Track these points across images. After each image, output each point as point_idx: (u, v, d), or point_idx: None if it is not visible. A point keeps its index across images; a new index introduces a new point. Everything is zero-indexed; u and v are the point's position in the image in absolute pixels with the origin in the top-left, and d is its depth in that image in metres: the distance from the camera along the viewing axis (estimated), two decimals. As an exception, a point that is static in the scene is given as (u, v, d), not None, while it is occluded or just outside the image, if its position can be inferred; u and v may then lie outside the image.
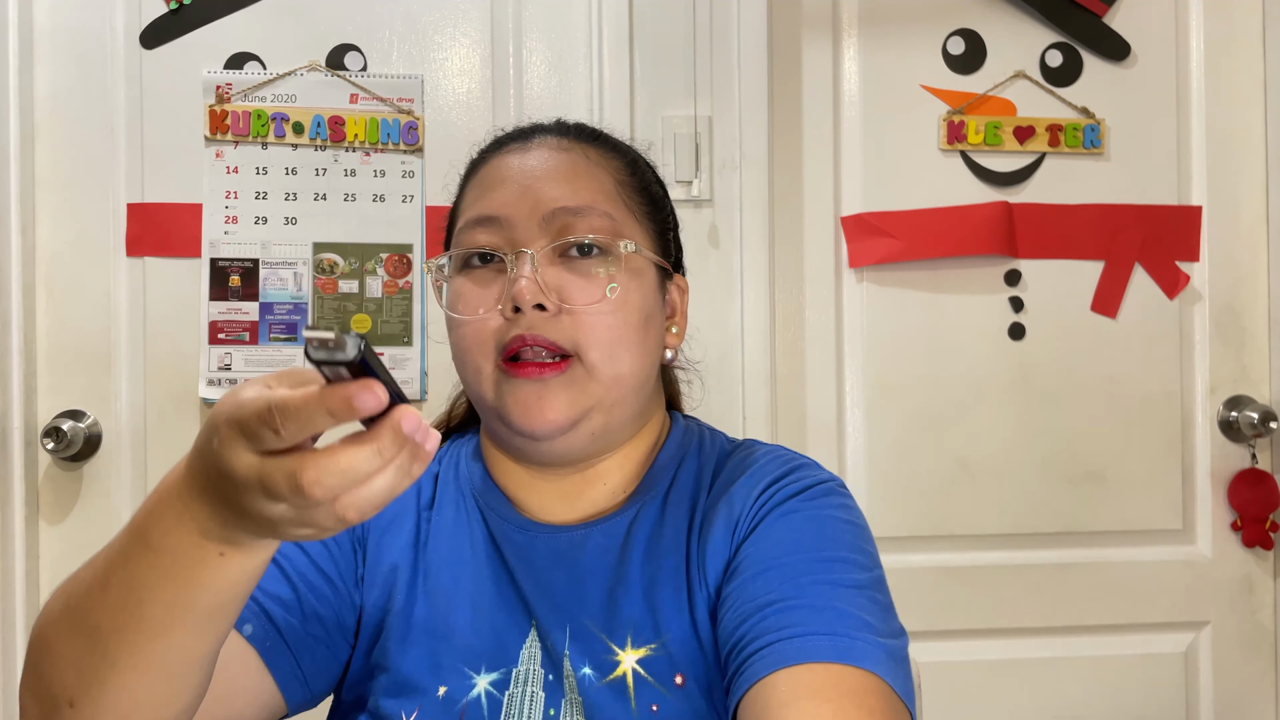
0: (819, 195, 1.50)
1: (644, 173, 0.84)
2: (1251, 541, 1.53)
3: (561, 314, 0.72)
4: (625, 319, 0.74)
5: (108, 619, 0.55)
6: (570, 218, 0.75)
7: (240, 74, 1.42)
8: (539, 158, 0.78)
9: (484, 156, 0.83)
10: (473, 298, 0.75)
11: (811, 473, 0.77)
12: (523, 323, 0.72)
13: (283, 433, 0.46)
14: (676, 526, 0.77)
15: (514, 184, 0.76)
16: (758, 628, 0.65)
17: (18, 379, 1.37)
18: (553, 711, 0.71)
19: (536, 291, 0.72)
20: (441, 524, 0.79)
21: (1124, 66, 1.54)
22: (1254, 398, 1.54)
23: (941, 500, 1.51)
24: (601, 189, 0.77)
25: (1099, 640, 1.52)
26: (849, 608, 0.65)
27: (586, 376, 0.73)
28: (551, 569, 0.76)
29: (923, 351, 1.51)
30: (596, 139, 0.82)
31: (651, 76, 1.46)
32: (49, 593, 1.39)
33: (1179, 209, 1.54)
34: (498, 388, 0.73)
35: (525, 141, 0.80)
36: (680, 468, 0.80)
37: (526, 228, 0.74)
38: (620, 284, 0.74)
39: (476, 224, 0.76)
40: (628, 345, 0.74)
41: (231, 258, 1.42)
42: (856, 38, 1.52)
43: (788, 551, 0.70)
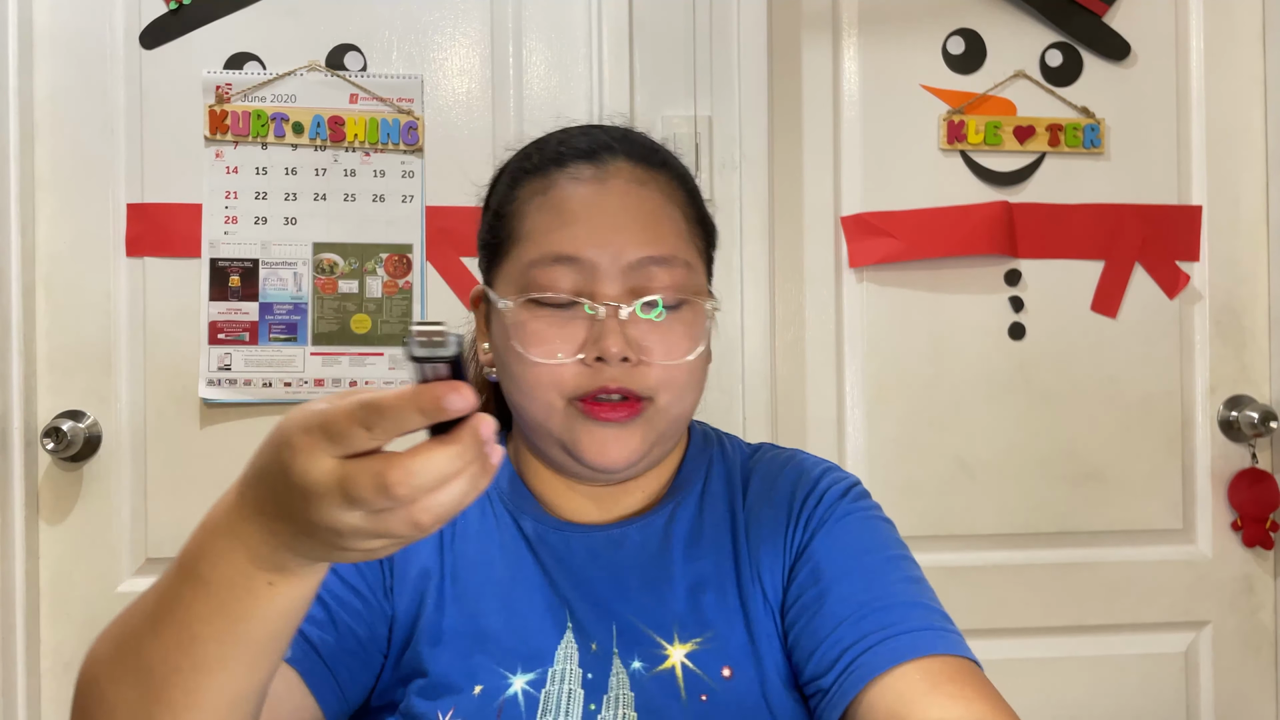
0: (819, 195, 1.50)
1: (699, 199, 0.84)
2: (1252, 541, 1.53)
3: (642, 365, 0.74)
4: (696, 366, 0.77)
5: (160, 659, 0.55)
6: (654, 267, 0.75)
7: (240, 74, 1.42)
8: (618, 193, 0.77)
9: (549, 173, 0.79)
10: (549, 339, 0.74)
11: (841, 475, 0.83)
12: (606, 374, 0.73)
13: (374, 430, 0.46)
14: (717, 528, 0.80)
15: (595, 222, 0.75)
16: (859, 627, 0.70)
17: (18, 379, 1.37)
18: (593, 706, 0.73)
19: (624, 347, 0.73)
20: (467, 527, 0.80)
21: (1124, 66, 1.54)
22: (1254, 397, 1.54)
23: (941, 500, 1.51)
24: (677, 231, 0.78)
25: (1099, 640, 1.52)
26: (930, 601, 0.74)
27: (657, 416, 0.76)
28: (589, 567, 0.78)
29: (923, 351, 1.51)
30: (664, 164, 0.82)
31: (651, 76, 1.46)
32: (48, 592, 1.40)
33: (1179, 209, 1.54)
34: (569, 423, 0.75)
35: (598, 166, 0.78)
36: (710, 471, 0.84)
37: (610, 274, 0.74)
38: (701, 338, 0.77)
39: (556, 261, 0.75)
40: (694, 387, 0.78)
41: (231, 258, 1.42)
42: (856, 38, 1.52)
43: (858, 554, 0.76)
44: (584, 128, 0.84)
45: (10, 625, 1.36)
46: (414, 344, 0.45)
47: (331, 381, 1.42)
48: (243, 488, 0.52)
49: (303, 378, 1.42)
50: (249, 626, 0.53)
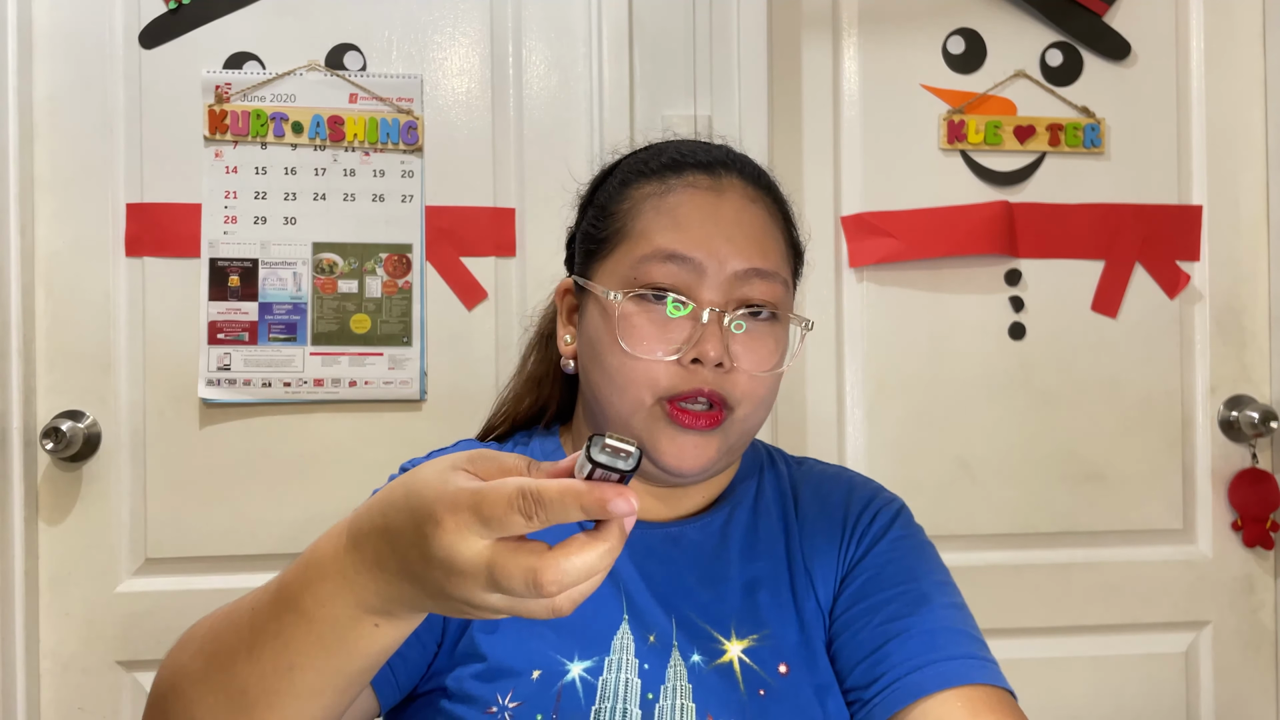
0: (819, 195, 1.50)
1: (794, 226, 0.88)
2: (1252, 541, 1.53)
3: (733, 372, 0.77)
4: (777, 381, 0.81)
5: (256, 683, 0.56)
6: (760, 280, 0.78)
7: (239, 74, 1.42)
8: (734, 205, 0.80)
9: (665, 178, 0.82)
10: (650, 336, 0.77)
11: (891, 495, 0.88)
12: (700, 376, 0.76)
13: (533, 520, 0.47)
14: (771, 532, 0.84)
15: (710, 228, 0.78)
16: (906, 648, 0.75)
17: (17, 379, 1.37)
18: (650, 695, 0.75)
19: (723, 353, 0.76)
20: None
21: (1124, 66, 1.54)
22: (1254, 397, 1.54)
23: (941, 500, 1.51)
24: (780, 251, 0.82)
25: (1099, 640, 1.52)
26: (971, 630, 0.78)
27: (734, 426, 0.78)
28: (648, 562, 0.80)
29: (923, 351, 1.51)
30: (771, 188, 0.86)
31: (651, 76, 1.46)
32: (48, 592, 1.40)
33: (1179, 208, 1.54)
34: (652, 424, 0.77)
35: (714, 178, 0.82)
36: (763, 478, 0.88)
37: (717, 279, 0.77)
38: (785, 355, 0.80)
39: (668, 258, 0.78)
40: (770, 403, 0.81)
41: (231, 258, 1.41)
42: (856, 37, 1.52)
43: (908, 577, 0.80)
44: (698, 141, 0.89)
45: (9, 625, 1.36)
46: (601, 452, 0.48)
47: (331, 381, 1.42)
48: (359, 538, 0.53)
49: (302, 378, 1.41)
50: (348, 661, 0.55)
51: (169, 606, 1.40)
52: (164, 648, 1.44)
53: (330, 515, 1.40)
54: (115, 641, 1.40)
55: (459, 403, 1.44)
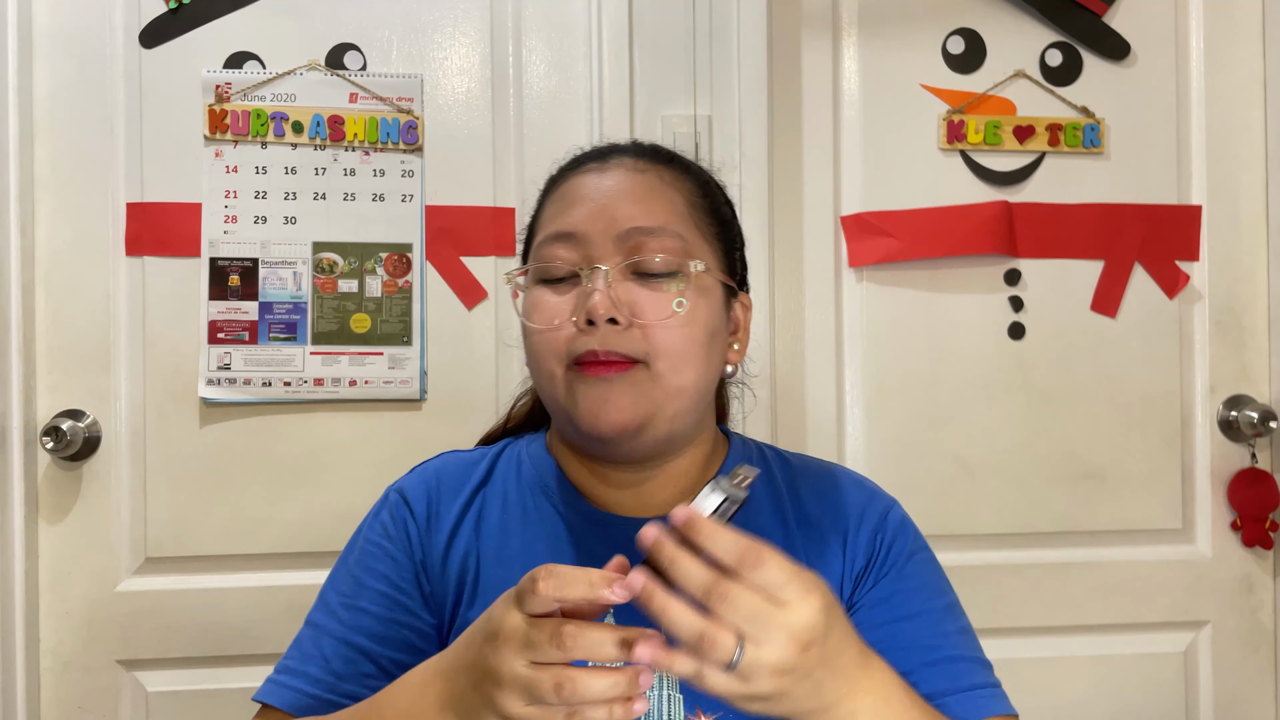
0: (819, 195, 1.50)
1: (715, 194, 0.88)
2: (1251, 541, 1.53)
3: (632, 328, 0.77)
4: (692, 334, 0.79)
5: None
6: (643, 237, 0.79)
7: (240, 73, 1.42)
8: (615, 178, 0.83)
9: (563, 174, 0.87)
10: (548, 308, 0.80)
11: (890, 500, 0.89)
12: (596, 336, 0.77)
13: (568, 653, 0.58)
14: (766, 528, 0.84)
15: (591, 202, 0.81)
16: (928, 672, 0.78)
17: (17, 379, 1.37)
18: None
19: (610, 306, 0.77)
20: (508, 521, 0.84)
21: (1124, 66, 1.54)
22: (1254, 397, 1.54)
23: (941, 500, 1.51)
24: (674, 210, 0.82)
25: (1099, 640, 1.52)
26: (981, 655, 0.82)
27: (651, 381, 0.78)
28: (632, 556, 0.79)
29: (922, 351, 1.51)
30: (671, 161, 0.87)
31: (651, 76, 1.46)
32: (48, 592, 1.40)
33: (1179, 208, 1.54)
34: (569, 389, 0.79)
35: (603, 161, 0.85)
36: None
37: (602, 245, 0.79)
38: (689, 300, 0.79)
39: (555, 239, 0.81)
40: (693, 358, 0.79)
41: (231, 257, 1.42)
42: (856, 37, 1.52)
43: (925, 597, 0.83)
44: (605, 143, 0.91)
45: (9, 624, 1.36)
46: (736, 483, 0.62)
47: (331, 381, 1.42)
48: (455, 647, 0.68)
49: (302, 377, 1.41)
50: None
51: (169, 606, 1.40)
52: (164, 647, 1.45)
53: (330, 515, 1.40)
54: (115, 641, 1.40)
55: (459, 402, 1.44)
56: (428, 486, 0.87)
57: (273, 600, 1.40)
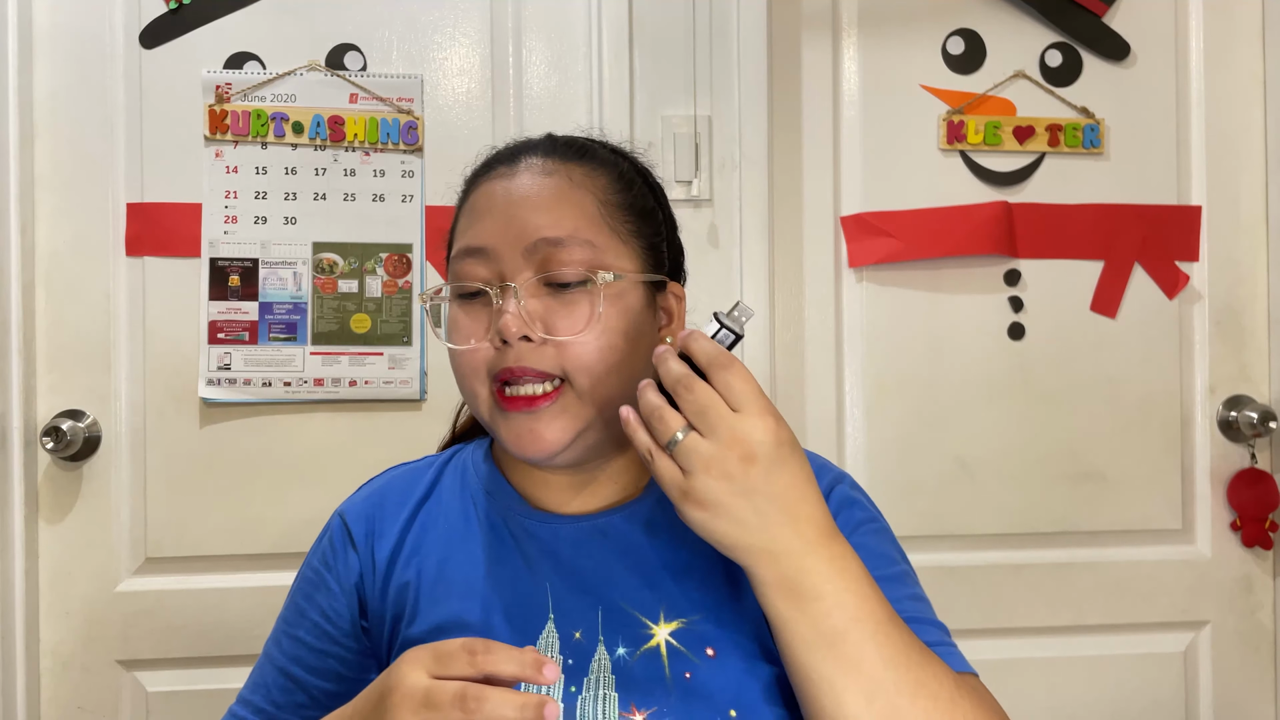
0: (819, 195, 1.50)
1: (631, 185, 0.84)
2: (1251, 541, 1.53)
3: (546, 344, 0.76)
4: (610, 342, 0.77)
5: None
6: (551, 249, 0.77)
7: (240, 74, 1.42)
8: (523, 183, 0.80)
9: (475, 179, 0.85)
10: (465, 328, 0.79)
11: (837, 475, 0.85)
12: (510, 355, 0.76)
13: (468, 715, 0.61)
14: None
15: (499, 213, 0.79)
16: None
17: (17, 379, 1.37)
18: (574, 688, 0.75)
19: (521, 324, 0.75)
20: (450, 531, 0.84)
21: (1124, 66, 1.54)
22: (1254, 397, 1.54)
23: (941, 500, 1.51)
24: (584, 214, 0.79)
25: (1099, 640, 1.52)
26: (933, 617, 0.79)
27: (577, 402, 0.77)
28: (576, 556, 0.80)
29: (922, 351, 1.51)
30: (583, 155, 0.84)
31: (651, 76, 1.46)
32: (48, 592, 1.40)
33: (1179, 209, 1.54)
34: (493, 414, 0.78)
35: (512, 164, 0.82)
36: None
37: (511, 259, 0.77)
38: (602, 310, 0.77)
39: (466, 254, 0.79)
40: (614, 367, 0.77)
41: (231, 257, 1.42)
42: (856, 37, 1.52)
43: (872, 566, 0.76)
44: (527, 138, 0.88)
45: (9, 624, 1.36)
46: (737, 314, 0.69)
47: (331, 381, 1.42)
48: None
49: (302, 377, 1.41)
50: None
51: (169, 606, 1.40)
52: (164, 647, 1.45)
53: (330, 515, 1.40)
54: (115, 641, 1.40)
55: (459, 403, 1.43)
56: (369, 507, 0.87)
57: (273, 600, 1.39)
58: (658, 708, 0.74)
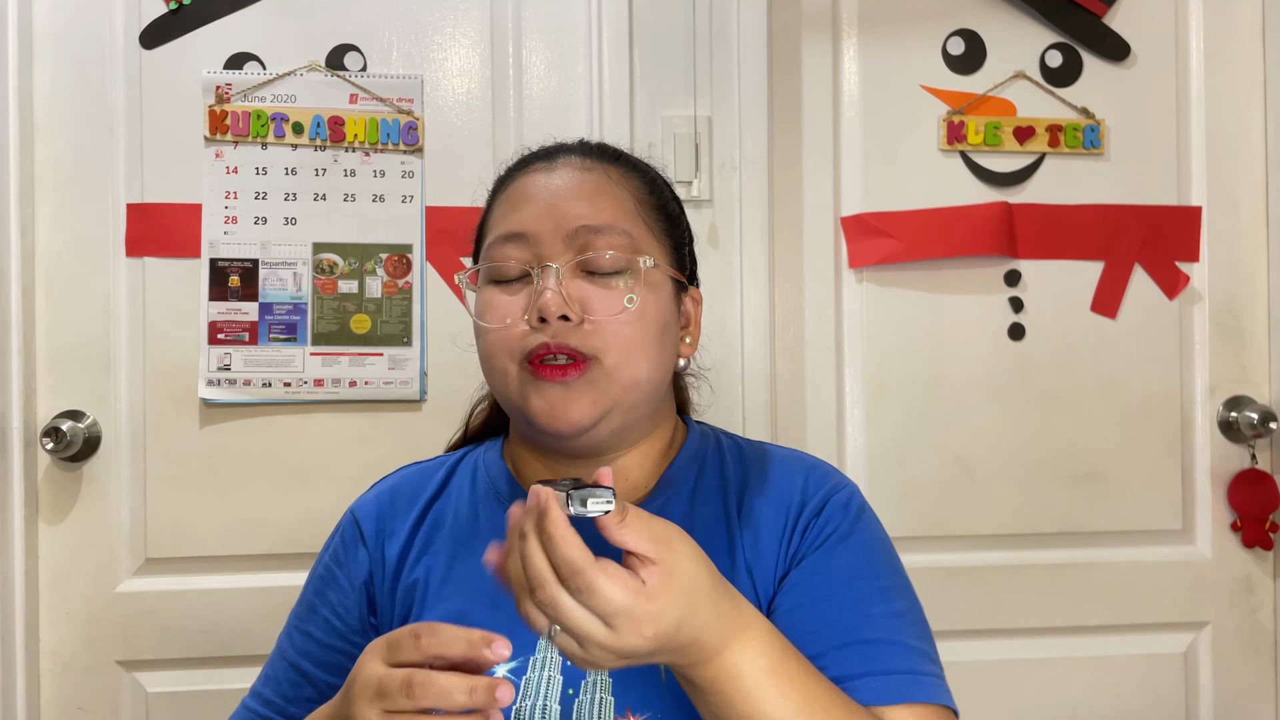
0: (819, 195, 1.50)
1: (662, 191, 0.89)
2: (1251, 542, 1.53)
3: (584, 324, 0.78)
4: (643, 328, 0.80)
5: None
6: (591, 235, 0.80)
7: (240, 74, 1.42)
8: (563, 177, 0.83)
9: (511, 174, 0.88)
10: (500, 307, 0.80)
11: (841, 483, 0.85)
12: (548, 331, 0.78)
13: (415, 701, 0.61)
14: (710, 522, 0.83)
15: (540, 201, 0.82)
16: (842, 661, 0.73)
17: (17, 379, 1.37)
18: (571, 691, 0.75)
19: (561, 303, 0.77)
20: (458, 529, 0.84)
21: (1124, 67, 1.54)
22: (1254, 398, 1.54)
23: (941, 500, 1.51)
24: (621, 207, 0.83)
25: (1099, 640, 1.52)
26: (911, 639, 0.76)
27: (605, 378, 0.78)
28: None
29: (922, 351, 1.51)
30: (618, 159, 0.88)
31: (651, 77, 1.46)
32: (48, 592, 1.40)
33: (1179, 209, 1.54)
34: (522, 388, 0.79)
35: (550, 161, 0.86)
36: (704, 467, 0.86)
37: (551, 244, 0.80)
38: (639, 296, 0.79)
39: (505, 239, 0.82)
40: (645, 352, 0.80)
41: (231, 258, 1.42)
42: (856, 38, 1.52)
43: (851, 579, 0.78)
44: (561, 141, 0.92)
45: (9, 625, 1.36)
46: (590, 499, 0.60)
47: (331, 381, 1.42)
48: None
49: (302, 378, 1.41)
50: None
51: (169, 606, 1.40)
52: (164, 647, 1.45)
53: (330, 515, 1.39)
54: (115, 641, 1.40)
55: (459, 403, 1.42)
56: (380, 505, 0.89)
57: (273, 600, 1.40)
58: (653, 712, 0.75)
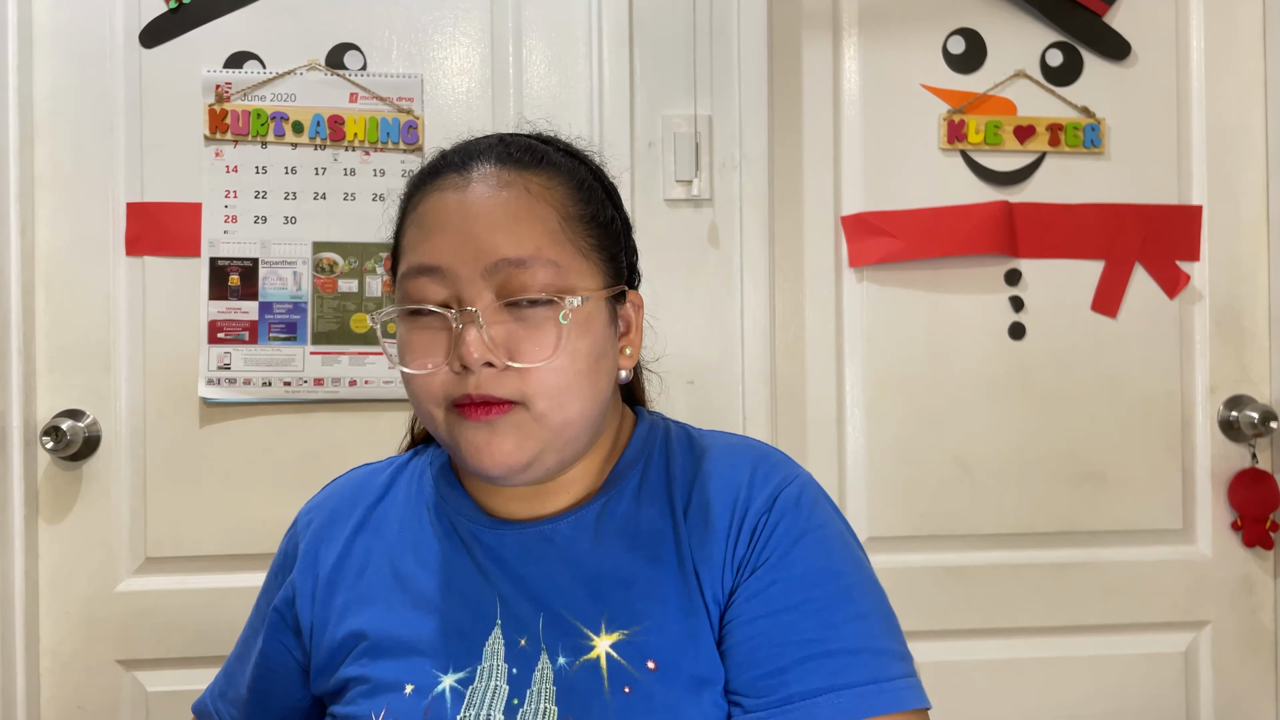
0: (819, 195, 1.50)
1: (591, 195, 0.80)
2: (1251, 541, 1.53)
3: (509, 370, 0.72)
4: (574, 367, 0.73)
5: None
6: (513, 269, 0.73)
7: (240, 73, 1.42)
8: (478, 197, 0.75)
9: (422, 188, 0.81)
10: (420, 350, 0.74)
11: (789, 476, 0.79)
12: (470, 381, 0.72)
13: None
14: (654, 522, 0.79)
15: (454, 230, 0.74)
16: (805, 675, 0.70)
17: (17, 378, 1.37)
18: (516, 701, 0.74)
19: (484, 351, 0.71)
20: (401, 537, 0.83)
21: (1124, 66, 1.54)
22: (1254, 397, 1.54)
23: (941, 500, 1.51)
24: (545, 230, 0.75)
25: (1099, 640, 1.52)
26: (881, 641, 0.73)
27: (533, 421, 0.73)
28: (522, 562, 0.78)
29: (922, 351, 1.51)
30: (540, 162, 0.79)
31: (651, 76, 1.46)
32: (47, 592, 1.40)
33: (1179, 208, 1.54)
34: (450, 430, 0.75)
35: (464, 173, 0.78)
36: (649, 465, 0.82)
37: (470, 280, 0.73)
38: (568, 337, 0.73)
39: (419, 273, 0.75)
40: (576, 392, 0.74)
41: (231, 257, 1.42)
42: (856, 37, 1.52)
43: (809, 585, 0.74)
44: (470, 139, 0.84)
45: (9, 624, 1.36)
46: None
47: (331, 381, 1.42)
48: None
49: (302, 377, 1.41)
50: None
51: (169, 606, 1.40)
52: (164, 647, 1.45)
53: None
54: (115, 640, 1.40)
55: (459, 402, 1.44)
56: (321, 510, 0.88)
57: (273, 600, 1.40)
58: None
